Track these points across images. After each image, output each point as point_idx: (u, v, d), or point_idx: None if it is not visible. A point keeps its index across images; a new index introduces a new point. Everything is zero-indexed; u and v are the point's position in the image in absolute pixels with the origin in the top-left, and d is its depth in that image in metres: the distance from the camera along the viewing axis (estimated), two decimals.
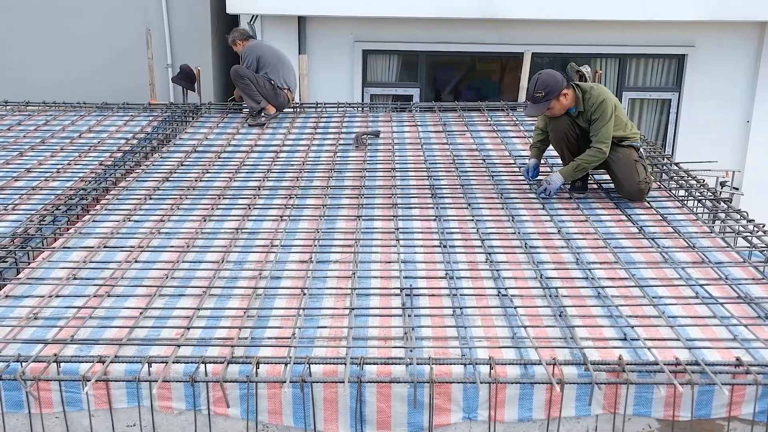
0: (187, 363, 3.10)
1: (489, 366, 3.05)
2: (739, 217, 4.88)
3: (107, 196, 5.46)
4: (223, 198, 5.34)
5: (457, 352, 3.22)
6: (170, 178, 5.81)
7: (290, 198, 5.32)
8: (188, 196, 5.38)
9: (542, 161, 5.73)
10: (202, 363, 3.07)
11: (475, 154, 6.41)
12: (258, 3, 9.55)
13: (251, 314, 3.57)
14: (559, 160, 5.58)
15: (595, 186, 5.52)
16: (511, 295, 3.75)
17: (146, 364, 3.06)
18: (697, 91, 10.12)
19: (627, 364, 3.05)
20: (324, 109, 8.14)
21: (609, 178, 5.40)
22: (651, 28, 9.81)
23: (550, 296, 3.74)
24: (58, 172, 5.97)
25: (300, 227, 4.79)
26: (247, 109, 7.73)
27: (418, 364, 3.06)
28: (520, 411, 3.09)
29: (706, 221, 4.91)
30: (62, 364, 3.10)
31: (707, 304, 3.66)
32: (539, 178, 5.51)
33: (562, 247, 4.42)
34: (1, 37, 10.25)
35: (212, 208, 5.11)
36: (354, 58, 10.17)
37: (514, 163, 6.11)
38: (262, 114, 7.57)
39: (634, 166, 5.12)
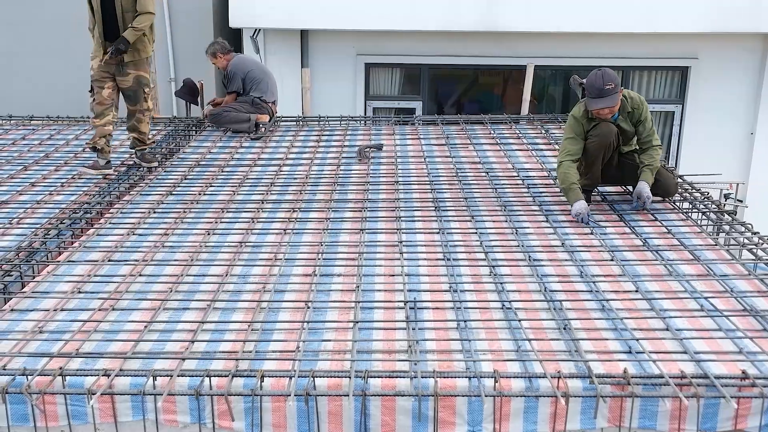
0: (192, 376, 3.10)
1: (494, 379, 3.05)
2: (743, 229, 4.88)
3: (111, 210, 5.47)
4: (227, 212, 5.34)
5: (461, 365, 3.21)
6: (174, 192, 5.82)
7: (293, 211, 5.33)
8: (192, 210, 5.39)
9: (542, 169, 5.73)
10: (207, 376, 3.08)
11: (478, 167, 6.41)
12: (261, 17, 9.59)
13: (255, 327, 3.57)
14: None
15: (598, 198, 5.52)
16: (515, 308, 3.75)
17: (151, 378, 3.07)
18: (700, 104, 10.12)
19: (632, 377, 3.04)
20: (327, 123, 8.16)
21: (613, 189, 5.41)
22: (654, 41, 9.82)
23: (555, 309, 3.74)
24: (62, 186, 5.99)
25: (303, 240, 4.79)
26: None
27: (422, 377, 3.06)
28: (525, 424, 3.08)
29: (711, 234, 4.90)
30: (67, 378, 3.11)
31: (712, 316, 3.66)
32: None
33: (566, 259, 4.42)
34: (6, 51, 10.30)
35: (216, 222, 5.12)
36: (356, 71, 10.20)
37: (517, 176, 6.11)
38: (259, 126, 7.60)
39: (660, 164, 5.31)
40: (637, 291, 3.95)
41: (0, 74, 10.36)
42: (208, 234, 4.89)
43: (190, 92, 8.44)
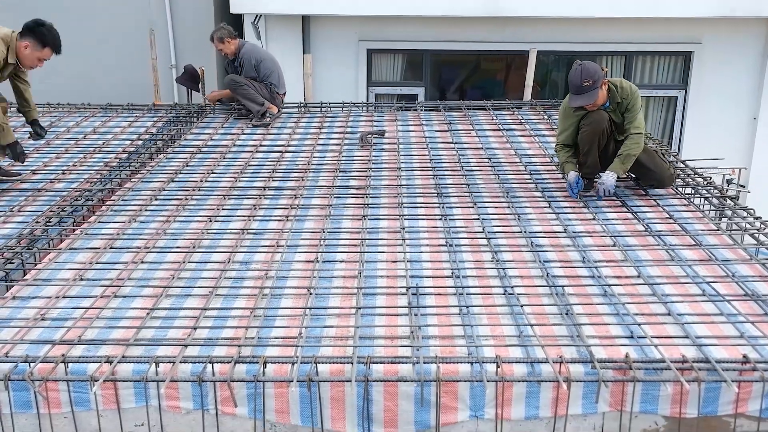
0: (195, 363, 3.11)
1: (496, 364, 3.05)
2: (745, 214, 4.87)
3: (113, 197, 5.47)
4: (229, 198, 5.34)
5: (463, 350, 3.22)
6: (175, 179, 5.81)
7: (296, 198, 5.33)
8: (194, 197, 5.38)
9: (547, 159, 5.72)
10: (210, 363, 3.08)
11: (480, 153, 6.40)
12: (262, 2, 9.55)
13: (258, 314, 3.58)
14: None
15: None
16: (518, 294, 3.75)
17: (154, 364, 3.08)
18: (703, 89, 10.08)
19: (634, 362, 3.05)
20: (329, 109, 8.14)
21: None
22: (657, 25, 9.78)
23: (557, 294, 3.74)
24: (63, 173, 5.98)
25: (306, 227, 4.79)
26: (250, 114, 7.67)
27: (424, 362, 3.07)
28: (527, 409, 3.09)
29: (713, 219, 4.90)
30: (70, 365, 3.12)
31: (714, 301, 3.66)
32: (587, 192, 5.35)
33: (568, 245, 4.42)
34: None
35: (218, 209, 5.12)
36: (358, 57, 10.17)
37: (520, 162, 6.10)
38: (267, 114, 7.57)
39: (657, 154, 5.30)
40: (639, 276, 3.95)
41: None
42: (210, 221, 4.89)
43: (191, 79, 8.42)
